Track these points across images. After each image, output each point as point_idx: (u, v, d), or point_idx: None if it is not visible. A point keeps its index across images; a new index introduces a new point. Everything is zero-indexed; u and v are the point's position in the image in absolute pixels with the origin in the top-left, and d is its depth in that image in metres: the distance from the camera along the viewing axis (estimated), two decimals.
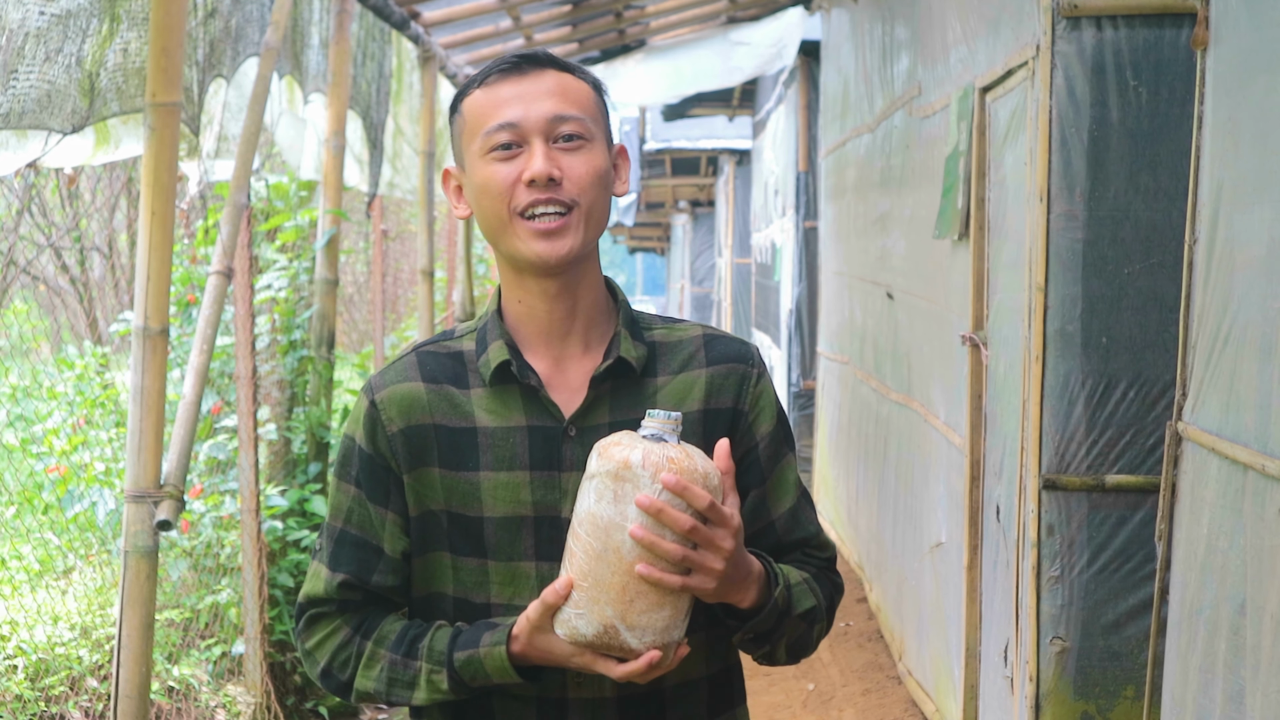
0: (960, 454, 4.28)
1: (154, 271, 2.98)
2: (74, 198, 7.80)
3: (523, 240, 1.62)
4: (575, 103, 1.65)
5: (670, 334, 1.73)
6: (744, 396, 1.71)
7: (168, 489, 3.03)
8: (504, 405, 1.66)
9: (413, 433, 1.66)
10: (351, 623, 1.68)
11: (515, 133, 1.62)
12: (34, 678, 3.99)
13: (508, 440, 1.65)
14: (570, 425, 1.65)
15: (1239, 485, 2.21)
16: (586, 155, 1.64)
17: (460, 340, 1.72)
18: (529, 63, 1.66)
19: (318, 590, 1.70)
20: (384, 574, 1.68)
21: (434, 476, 1.66)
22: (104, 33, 3.00)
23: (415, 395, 1.67)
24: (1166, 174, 3.27)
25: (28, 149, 2.92)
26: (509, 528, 1.64)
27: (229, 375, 4.73)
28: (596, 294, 1.70)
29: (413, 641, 1.64)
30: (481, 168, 1.64)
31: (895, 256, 5.63)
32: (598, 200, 1.64)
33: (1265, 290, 2.16)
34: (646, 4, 7.27)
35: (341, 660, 1.68)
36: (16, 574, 4.67)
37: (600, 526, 1.52)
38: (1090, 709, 3.38)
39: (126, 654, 3.00)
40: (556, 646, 1.56)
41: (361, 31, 5.39)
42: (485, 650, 1.59)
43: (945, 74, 4.62)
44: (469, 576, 1.66)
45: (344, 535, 1.69)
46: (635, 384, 1.68)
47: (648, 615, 1.52)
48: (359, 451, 1.69)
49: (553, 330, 1.68)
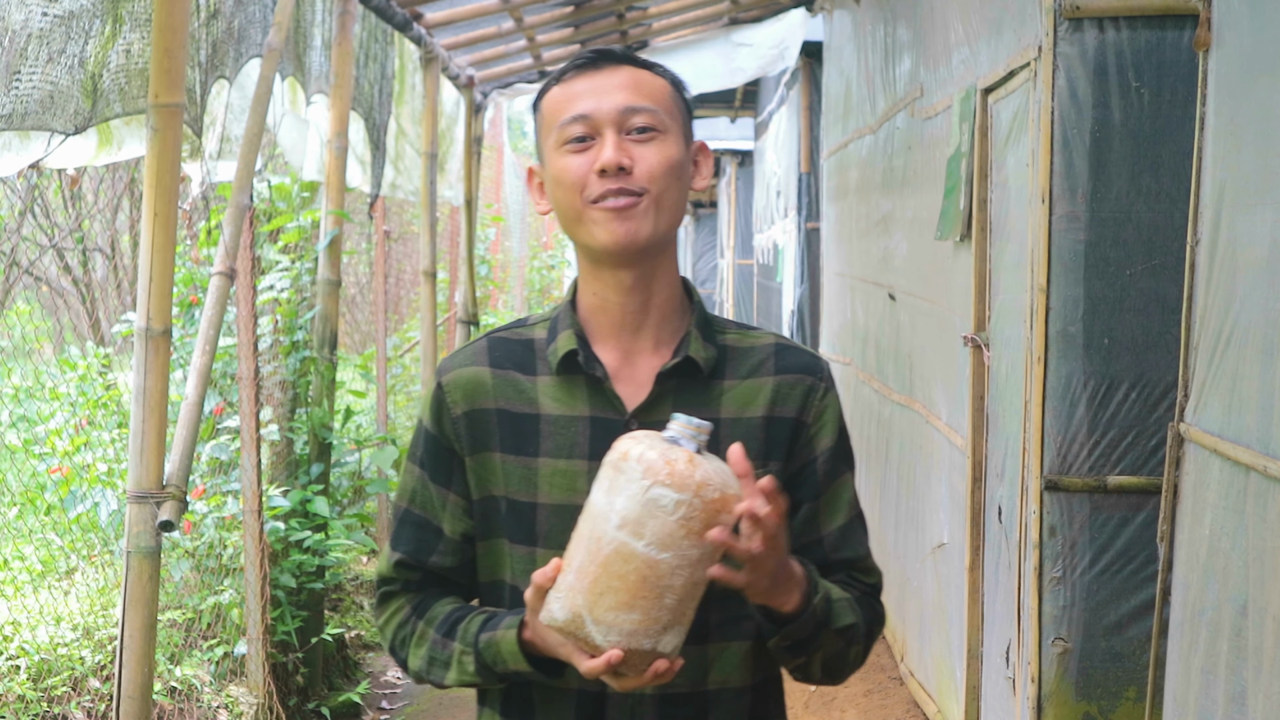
0: (962, 455, 4.28)
1: (156, 272, 2.98)
2: (76, 199, 7.80)
3: (596, 224, 1.64)
4: (648, 95, 1.67)
5: (742, 339, 1.74)
6: (808, 409, 1.71)
7: (170, 490, 3.03)
8: (568, 394, 1.68)
9: (475, 416, 1.69)
10: (412, 602, 1.73)
11: (588, 125, 1.65)
12: (36, 678, 4.00)
13: (569, 429, 1.67)
14: (632, 419, 1.67)
15: (1241, 486, 2.21)
16: (658, 146, 1.65)
17: (532, 328, 1.75)
18: (605, 59, 1.69)
19: (384, 569, 1.75)
20: (442, 555, 1.72)
21: (494, 461, 1.69)
22: (107, 34, 3.00)
23: (480, 379, 1.70)
24: (1168, 175, 3.27)
25: (30, 150, 2.92)
26: (563, 516, 1.64)
27: (231, 376, 4.74)
28: (671, 291, 1.71)
29: (454, 623, 1.68)
30: (557, 160, 1.67)
31: (897, 258, 5.63)
32: (669, 190, 1.65)
33: (1267, 292, 2.16)
34: (649, 5, 7.28)
35: (401, 638, 1.72)
36: (19, 574, 4.67)
37: (591, 514, 1.52)
38: (1092, 710, 3.38)
39: (129, 654, 3.00)
40: (548, 632, 1.56)
41: (364, 33, 5.39)
42: (500, 634, 1.61)
43: (947, 75, 4.62)
44: (520, 564, 1.68)
45: (407, 515, 1.74)
46: (702, 385, 1.69)
47: (615, 614, 1.49)
48: (425, 433, 1.73)
49: (625, 323, 1.69)
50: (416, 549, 1.72)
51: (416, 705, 5.29)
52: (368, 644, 6.00)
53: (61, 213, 7.89)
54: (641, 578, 1.49)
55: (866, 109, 6.48)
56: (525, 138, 20.69)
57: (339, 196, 5.09)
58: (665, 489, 1.48)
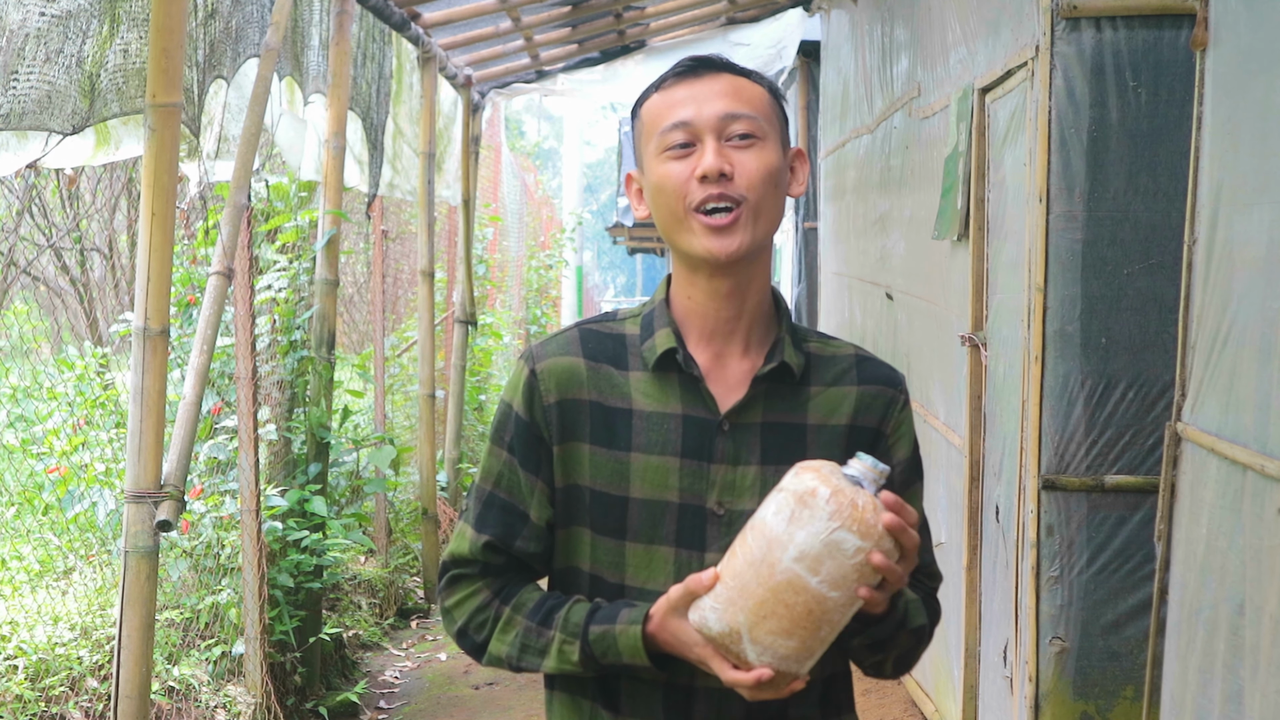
0: (960, 454, 4.29)
1: (154, 272, 2.98)
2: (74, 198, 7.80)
3: (696, 236, 1.66)
4: (748, 102, 1.69)
5: (825, 348, 1.78)
6: (888, 419, 1.76)
7: (168, 489, 3.03)
8: (662, 391, 1.70)
9: (568, 406, 1.71)
10: (493, 586, 1.72)
11: (689, 131, 1.67)
12: (34, 678, 4.00)
13: (663, 425, 1.69)
14: (725, 420, 1.69)
15: (1238, 485, 2.21)
16: (758, 152, 1.67)
17: (623, 323, 1.77)
18: (704, 66, 1.71)
19: (463, 550, 1.74)
20: (527, 540, 1.73)
21: (583, 452, 1.70)
22: (104, 34, 3.00)
23: (575, 369, 1.72)
24: (1166, 175, 3.28)
25: (28, 150, 2.92)
26: (652, 511, 1.68)
27: (229, 376, 4.73)
28: (763, 298, 1.74)
29: (550, 611, 1.68)
30: (657, 166, 1.69)
31: (895, 257, 5.63)
32: (767, 197, 1.68)
33: (1264, 291, 2.17)
34: (646, 5, 7.28)
35: (479, 622, 1.72)
36: (17, 574, 4.67)
37: (766, 537, 1.54)
38: (1090, 709, 3.38)
39: (127, 654, 3.00)
40: (685, 632, 1.59)
41: (361, 33, 5.39)
42: (621, 628, 1.63)
43: (945, 75, 4.62)
44: (606, 555, 1.70)
45: (492, 498, 1.74)
46: (791, 389, 1.73)
47: (774, 638, 1.54)
48: (515, 418, 1.73)
49: (718, 329, 1.72)
50: (504, 532, 1.72)
51: (414, 705, 5.29)
52: (365, 644, 6.00)
53: (59, 212, 7.89)
54: (808, 610, 1.54)
55: (864, 109, 6.48)
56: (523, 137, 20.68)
57: (337, 196, 5.09)
58: (850, 535, 1.52)
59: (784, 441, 1.70)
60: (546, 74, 7.97)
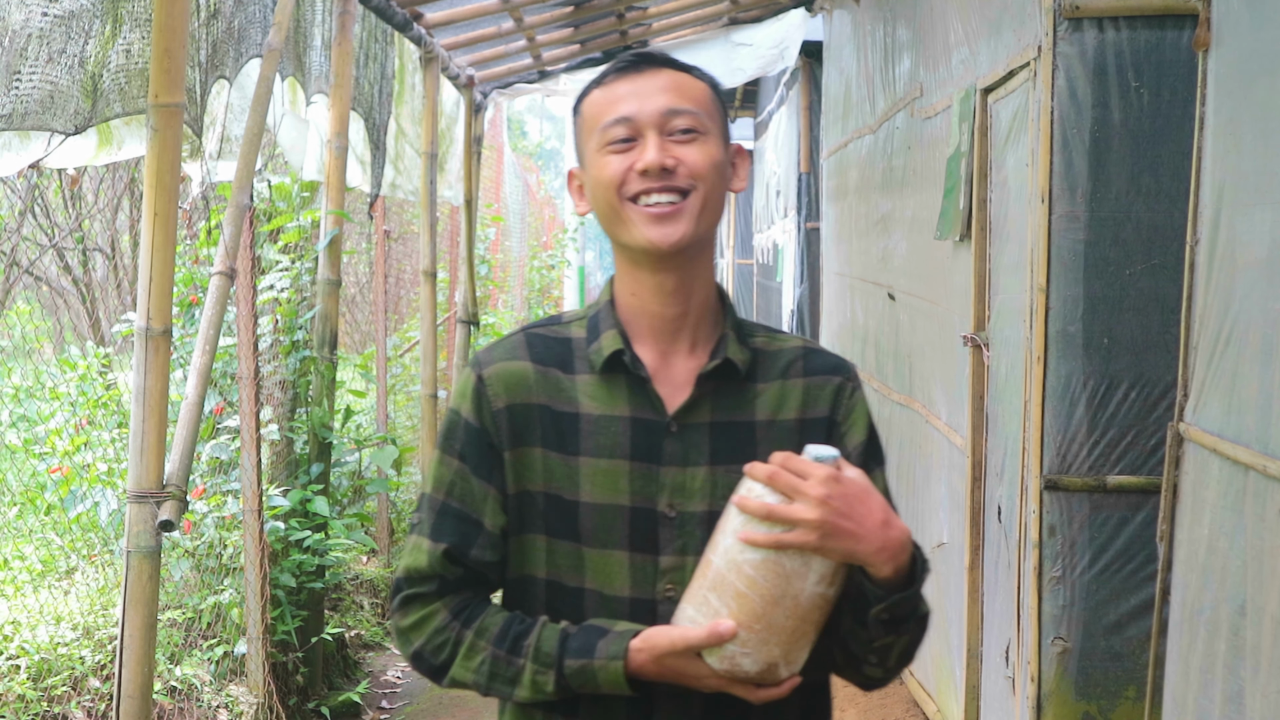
0: (962, 455, 4.29)
1: (156, 272, 2.98)
2: (77, 199, 7.80)
3: (636, 225, 1.66)
4: (690, 98, 1.68)
5: (771, 343, 1.77)
6: (839, 407, 1.74)
7: (170, 489, 3.03)
8: (609, 394, 1.69)
9: (517, 410, 1.69)
10: (451, 605, 1.68)
11: (630, 126, 1.66)
12: (36, 678, 4.00)
13: (610, 428, 1.68)
14: (673, 421, 1.68)
15: (1240, 486, 2.21)
16: (701, 146, 1.67)
17: (569, 326, 1.75)
18: (645, 62, 1.71)
19: (419, 564, 1.69)
20: (483, 549, 1.69)
21: (535, 456, 1.68)
22: (106, 34, 3.00)
23: (522, 374, 1.71)
24: (1168, 175, 3.27)
25: (30, 150, 2.93)
26: (605, 515, 1.66)
27: (231, 376, 4.74)
28: (708, 294, 1.73)
29: (517, 638, 1.65)
30: (598, 161, 1.68)
31: (897, 257, 5.63)
32: (713, 190, 1.67)
33: (1266, 291, 2.17)
34: (648, 5, 7.28)
35: (437, 644, 1.68)
36: (19, 574, 4.67)
37: (782, 575, 1.55)
38: (1092, 709, 3.38)
39: (129, 654, 3.00)
40: (696, 670, 1.58)
41: (364, 33, 5.39)
42: (600, 663, 1.61)
43: (947, 75, 4.62)
44: (564, 560, 1.68)
45: (446, 507, 1.70)
46: (737, 387, 1.71)
47: (801, 650, 1.59)
48: (465, 424, 1.71)
49: (663, 326, 1.71)
50: (461, 541, 1.69)
51: (416, 705, 5.29)
52: (367, 643, 6.00)
53: (61, 212, 7.89)
54: (825, 615, 1.61)
55: (866, 109, 6.48)
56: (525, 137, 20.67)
57: (339, 196, 5.09)
58: None
59: (733, 441, 1.68)
60: (549, 74, 7.98)
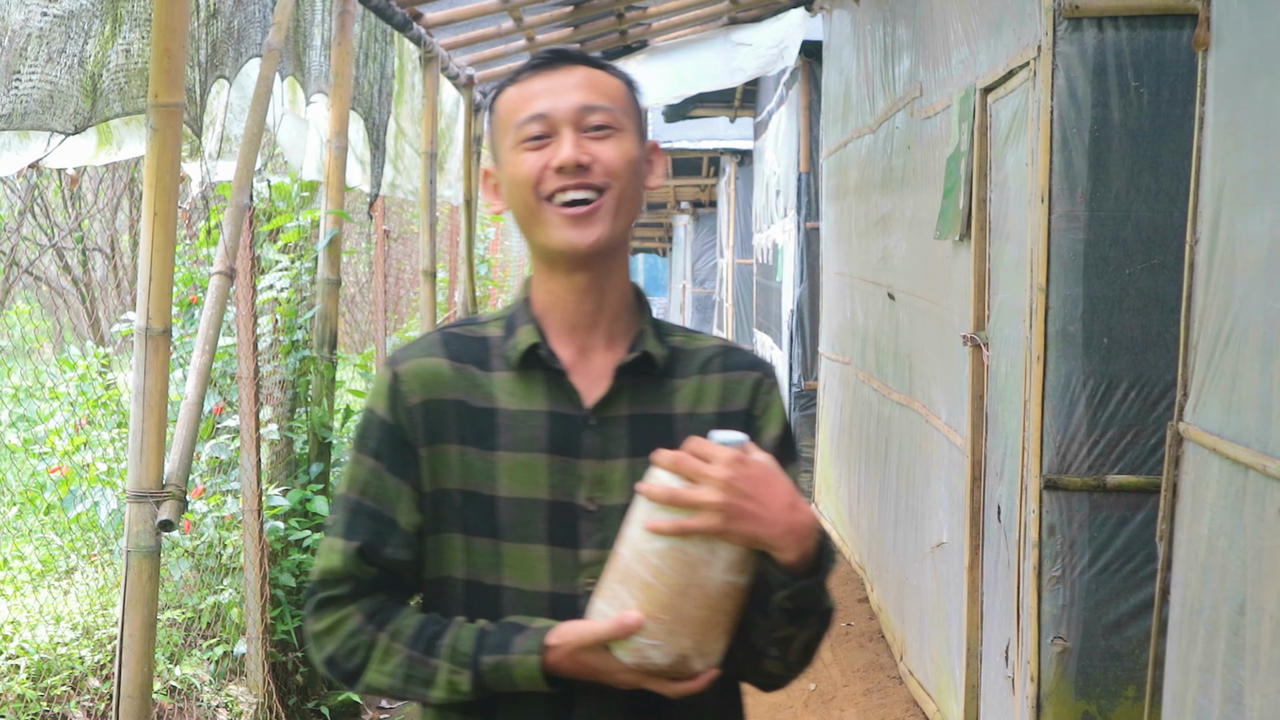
0: (962, 454, 4.29)
1: (156, 272, 2.98)
2: (76, 198, 7.80)
3: (553, 227, 1.65)
4: (605, 94, 1.68)
5: (689, 342, 1.77)
6: (756, 401, 1.74)
7: (170, 489, 3.03)
8: (526, 389, 1.68)
9: (433, 406, 1.68)
10: (365, 609, 1.66)
11: (545, 123, 1.65)
12: (36, 677, 4.00)
13: (528, 423, 1.67)
14: (591, 414, 1.67)
15: (1240, 485, 2.21)
16: (616, 143, 1.66)
17: (485, 326, 1.75)
18: (560, 59, 1.70)
19: (333, 565, 1.67)
20: (397, 548, 1.67)
21: (451, 453, 1.67)
22: (106, 34, 3.00)
23: (438, 370, 1.69)
24: (1168, 175, 3.27)
25: (30, 150, 2.93)
26: (523, 509, 1.65)
27: (231, 375, 4.74)
28: (624, 291, 1.73)
29: (432, 639, 1.64)
30: (513, 159, 1.67)
31: (897, 257, 5.63)
32: (628, 187, 1.67)
33: (1266, 291, 2.17)
34: (648, 5, 7.28)
35: (350, 648, 1.66)
36: (19, 574, 4.67)
37: (688, 563, 1.53)
38: (1091, 709, 3.38)
39: (128, 654, 3.00)
40: (608, 665, 1.57)
41: (363, 33, 5.39)
42: (517, 659, 1.59)
43: (947, 75, 4.62)
44: (481, 557, 1.67)
45: (359, 506, 1.68)
46: (656, 381, 1.71)
47: (715, 642, 1.57)
48: (380, 422, 1.69)
49: (579, 322, 1.71)
50: (375, 540, 1.66)
51: (415, 705, 5.29)
52: None
53: (61, 212, 7.89)
54: (738, 604, 1.58)
55: (866, 108, 6.48)
56: None
57: (338, 196, 5.09)
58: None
59: (652, 433, 1.67)
60: None
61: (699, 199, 18.24)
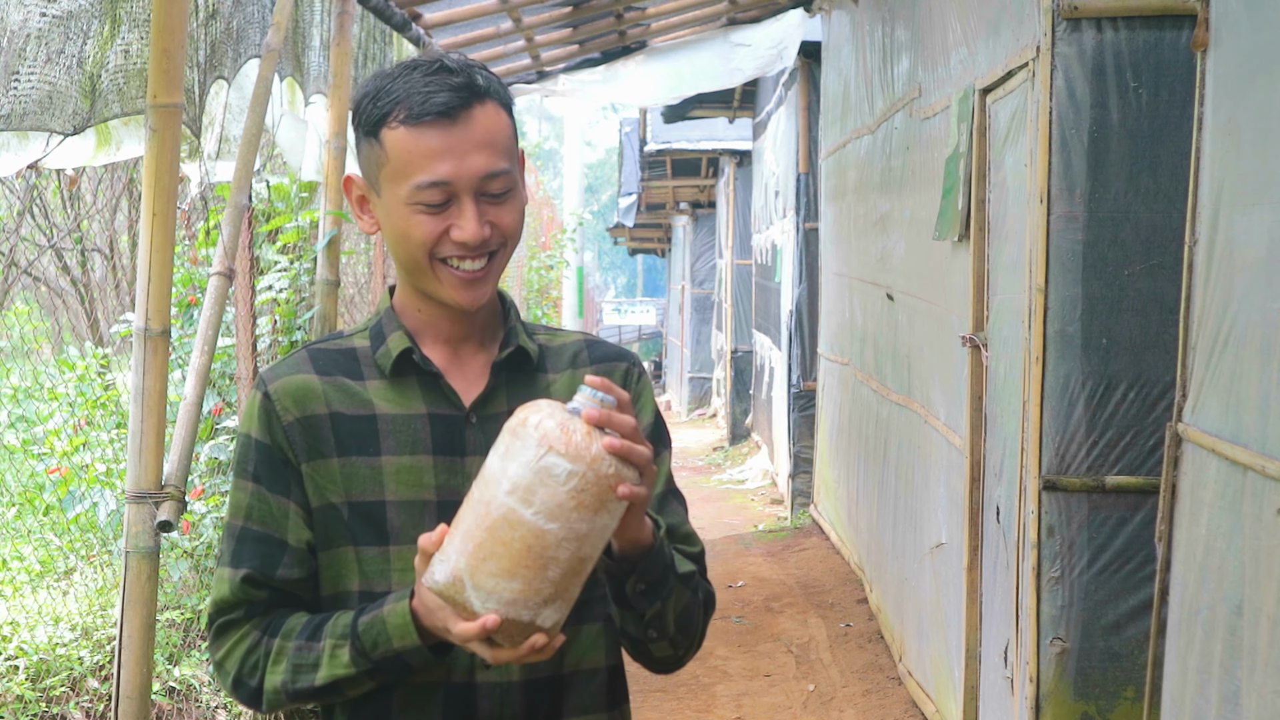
0: (960, 455, 4.29)
1: (155, 273, 2.98)
2: (75, 199, 7.80)
3: (445, 286, 1.65)
4: (503, 151, 1.63)
5: (553, 339, 1.79)
6: (628, 389, 1.76)
7: (169, 490, 3.03)
8: (403, 395, 1.68)
9: (308, 422, 1.67)
10: (259, 626, 1.65)
11: (446, 191, 1.61)
12: (35, 678, 4.00)
13: (409, 426, 1.67)
14: (471, 413, 1.68)
15: (1238, 486, 2.21)
16: (513, 203, 1.65)
17: (350, 339, 1.74)
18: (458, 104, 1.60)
19: (223, 594, 1.66)
20: (289, 567, 1.66)
21: (332, 466, 1.66)
22: (105, 34, 3.00)
23: (309, 386, 1.68)
24: (1167, 175, 3.28)
25: (29, 150, 2.92)
26: (412, 511, 1.65)
27: (230, 376, 4.74)
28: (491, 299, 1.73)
29: (318, 626, 1.63)
30: (406, 215, 1.62)
31: (895, 258, 5.63)
32: (517, 235, 1.68)
33: (1265, 292, 2.17)
34: (647, 5, 7.27)
35: (250, 665, 1.65)
36: (18, 575, 4.67)
37: (483, 478, 1.50)
38: (1090, 710, 3.38)
39: (127, 654, 3.00)
40: (426, 597, 1.53)
41: (362, 33, 5.39)
42: (389, 608, 1.57)
43: (946, 75, 4.62)
44: (372, 566, 1.66)
45: (245, 532, 1.67)
46: (530, 377, 1.73)
47: (496, 580, 1.47)
48: (255, 444, 1.68)
49: (452, 332, 1.72)
50: (262, 564, 1.65)
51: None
52: None
53: (60, 213, 7.89)
54: (526, 546, 1.46)
55: (865, 109, 6.49)
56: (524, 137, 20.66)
57: (338, 197, 5.08)
58: (559, 459, 1.46)
59: None
60: (547, 75, 7.98)
61: (698, 200, 18.24)
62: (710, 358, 17.73)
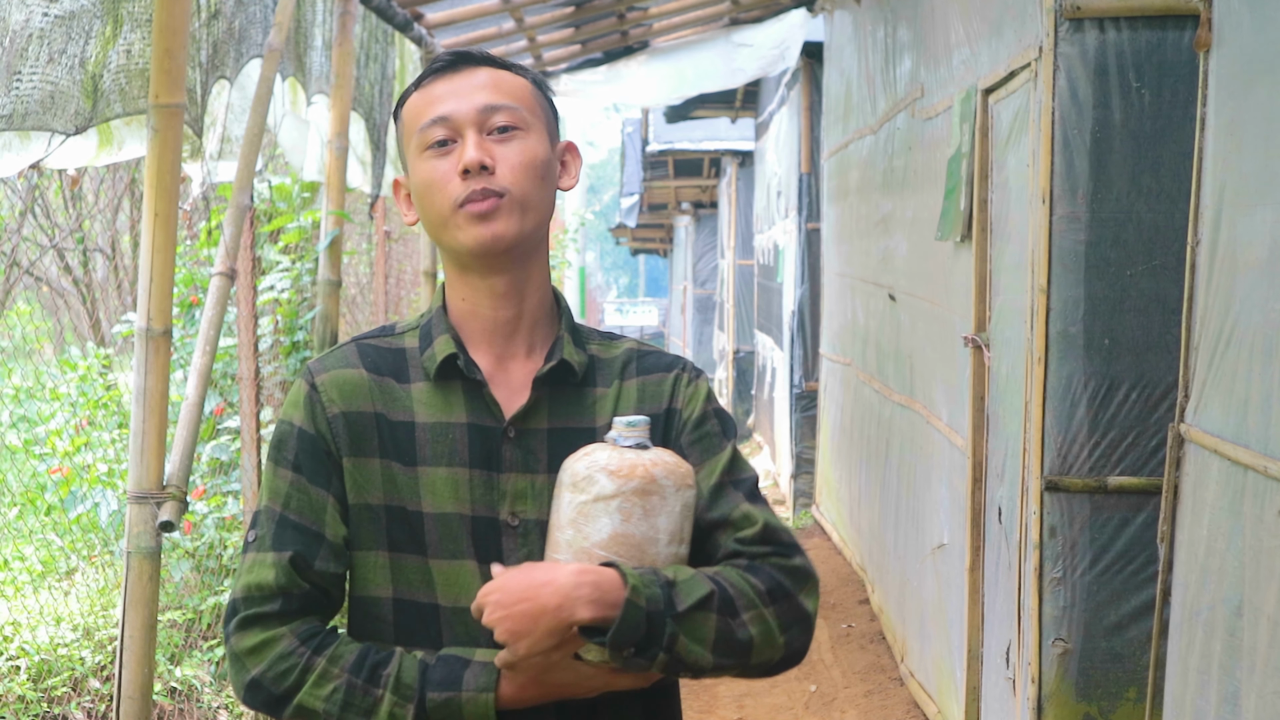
0: (962, 455, 4.28)
1: (157, 273, 2.98)
2: (77, 199, 7.81)
3: (461, 229, 1.62)
4: (508, 94, 1.65)
5: (605, 349, 1.73)
6: (677, 396, 1.70)
7: (170, 490, 3.03)
8: (445, 401, 1.65)
9: (354, 417, 1.64)
10: (298, 632, 1.59)
11: (448, 126, 1.63)
12: (37, 679, 4.00)
13: (447, 436, 1.63)
14: (510, 426, 1.64)
15: (1239, 486, 2.21)
16: (520, 144, 1.64)
17: (401, 337, 1.71)
18: (463, 61, 1.67)
19: (264, 579, 1.60)
20: (326, 560, 1.62)
21: (375, 467, 1.63)
22: (107, 34, 3.00)
23: (357, 381, 1.66)
24: (1169, 176, 3.27)
25: (31, 150, 2.92)
26: (449, 524, 1.62)
27: (232, 376, 4.74)
28: (542, 296, 1.70)
29: (375, 667, 1.57)
30: (420, 165, 1.65)
31: (897, 258, 5.63)
32: (533, 190, 1.63)
33: (1267, 292, 2.17)
34: (649, 5, 7.27)
35: (280, 671, 1.57)
36: (19, 575, 4.67)
37: (635, 545, 1.53)
38: (1092, 711, 3.38)
39: (129, 655, 3.00)
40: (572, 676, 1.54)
41: (364, 33, 5.39)
42: (469, 696, 1.54)
43: (948, 75, 4.62)
44: (412, 575, 1.62)
45: (284, 519, 1.62)
46: (575, 391, 1.68)
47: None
48: (299, 433, 1.65)
49: (497, 330, 1.67)
50: (305, 551, 1.60)
51: None
52: None
53: (62, 213, 7.90)
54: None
55: (867, 109, 6.48)
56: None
57: (339, 197, 5.09)
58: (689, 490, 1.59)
59: (571, 448, 1.62)
60: (549, 75, 7.97)
61: (700, 200, 18.23)
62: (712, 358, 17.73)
